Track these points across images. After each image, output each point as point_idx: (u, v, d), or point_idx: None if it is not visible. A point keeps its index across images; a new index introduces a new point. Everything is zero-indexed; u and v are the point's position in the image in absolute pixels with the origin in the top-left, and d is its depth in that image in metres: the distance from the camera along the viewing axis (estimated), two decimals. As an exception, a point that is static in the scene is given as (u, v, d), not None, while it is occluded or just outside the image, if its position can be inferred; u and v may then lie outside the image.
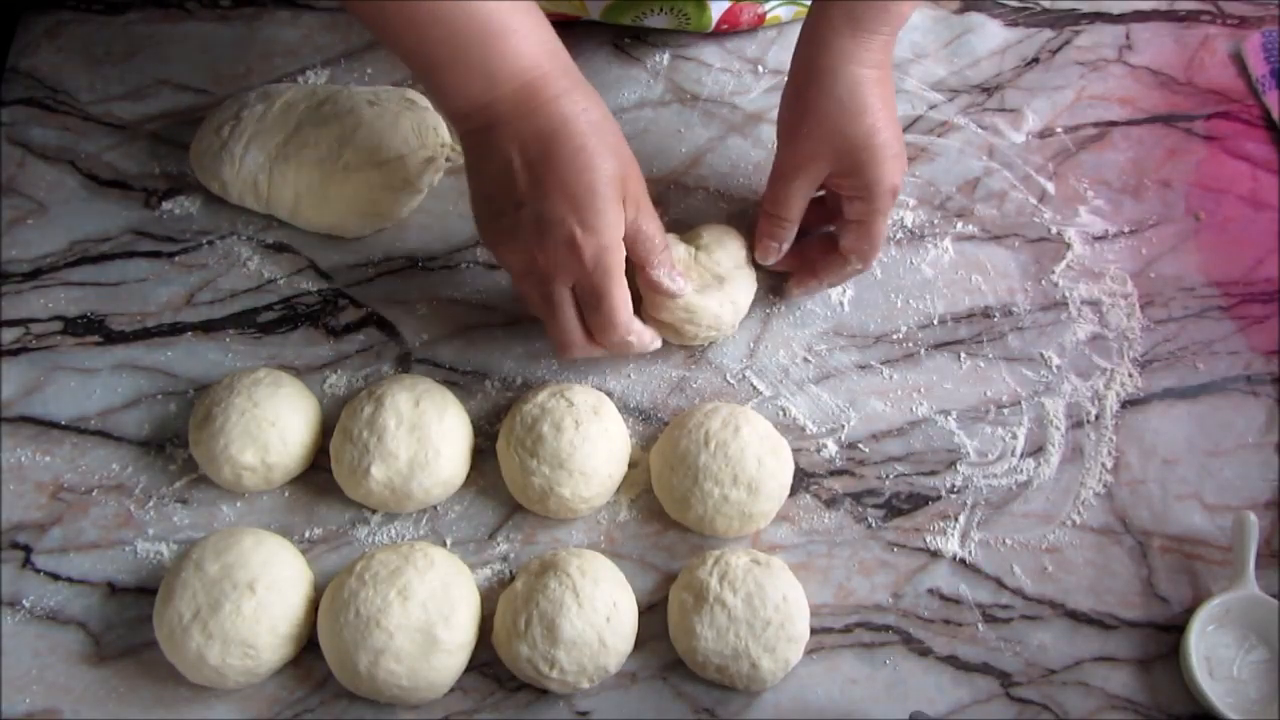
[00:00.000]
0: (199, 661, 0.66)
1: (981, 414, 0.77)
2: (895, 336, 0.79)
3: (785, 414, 0.76)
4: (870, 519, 0.74)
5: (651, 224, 0.70)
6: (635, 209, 0.68)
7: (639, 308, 0.73)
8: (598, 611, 0.66)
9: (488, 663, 0.69)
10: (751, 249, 0.78)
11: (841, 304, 0.80)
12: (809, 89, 0.71)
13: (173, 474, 0.74)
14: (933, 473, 0.75)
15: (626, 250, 0.68)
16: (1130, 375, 0.78)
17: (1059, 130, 0.86)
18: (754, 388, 0.77)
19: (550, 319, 0.70)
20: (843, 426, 0.76)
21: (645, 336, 0.72)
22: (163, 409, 0.76)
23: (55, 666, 0.69)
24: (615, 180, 0.66)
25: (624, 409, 0.76)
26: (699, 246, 0.77)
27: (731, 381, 0.77)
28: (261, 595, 0.66)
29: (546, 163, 0.65)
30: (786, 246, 0.76)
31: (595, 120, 0.66)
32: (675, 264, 0.73)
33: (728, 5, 0.86)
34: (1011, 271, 0.81)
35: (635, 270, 0.71)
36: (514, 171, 0.66)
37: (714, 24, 0.87)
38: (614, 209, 0.66)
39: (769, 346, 0.78)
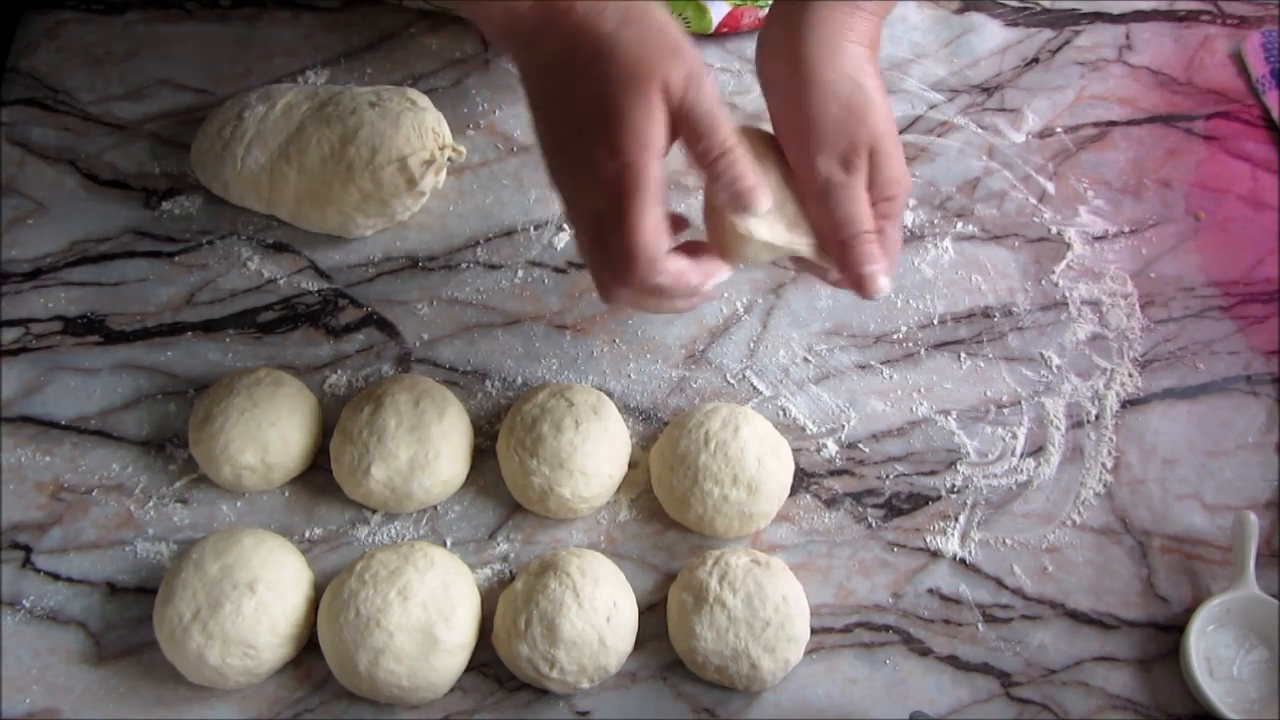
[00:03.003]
0: (199, 661, 0.66)
1: (981, 414, 0.77)
2: (895, 336, 0.79)
3: (785, 414, 0.76)
4: (870, 519, 0.74)
5: (708, 118, 0.58)
6: (681, 102, 0.57)
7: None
8: (598, 611, 0.66)
9: (488, 663, 0.69)
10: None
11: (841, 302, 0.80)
12: (819, 71, 0.62)
13: (173, 474, 0.74)
14: (933, 473, 0.75)
15: (688, 155, 0.59)
16: (1130, 375, 0.78)
17: (1059, 130, 0.86)
18: (754, 388, 0.77)
19: (584, 255, 0.62)
20: (843, 426, 0.76)
21: (688, 276, 0.60)
22: (163, 409, 0.76)
23: (55, 666, 0.69)
24: (642, 80, 0.56)
25: (624, 409, 0.76)
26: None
27: (731, 381, 0.77)
28: (261, 595, 0.66)
29: (565, 78, 0.58)
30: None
31: (618, 18, 0.57)
32: (748, 169, 0.59)
33: (729, 8, 0.86)
34: (1011, 271, 0.81)
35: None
36: (542, 95, 0.60)
37: (714, 26, 0.87)
38: (638, 115, 0.56)
39: (769, 346, 0.78)
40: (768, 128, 0.66)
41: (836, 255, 0.63)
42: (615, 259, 0.58)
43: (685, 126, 0.58)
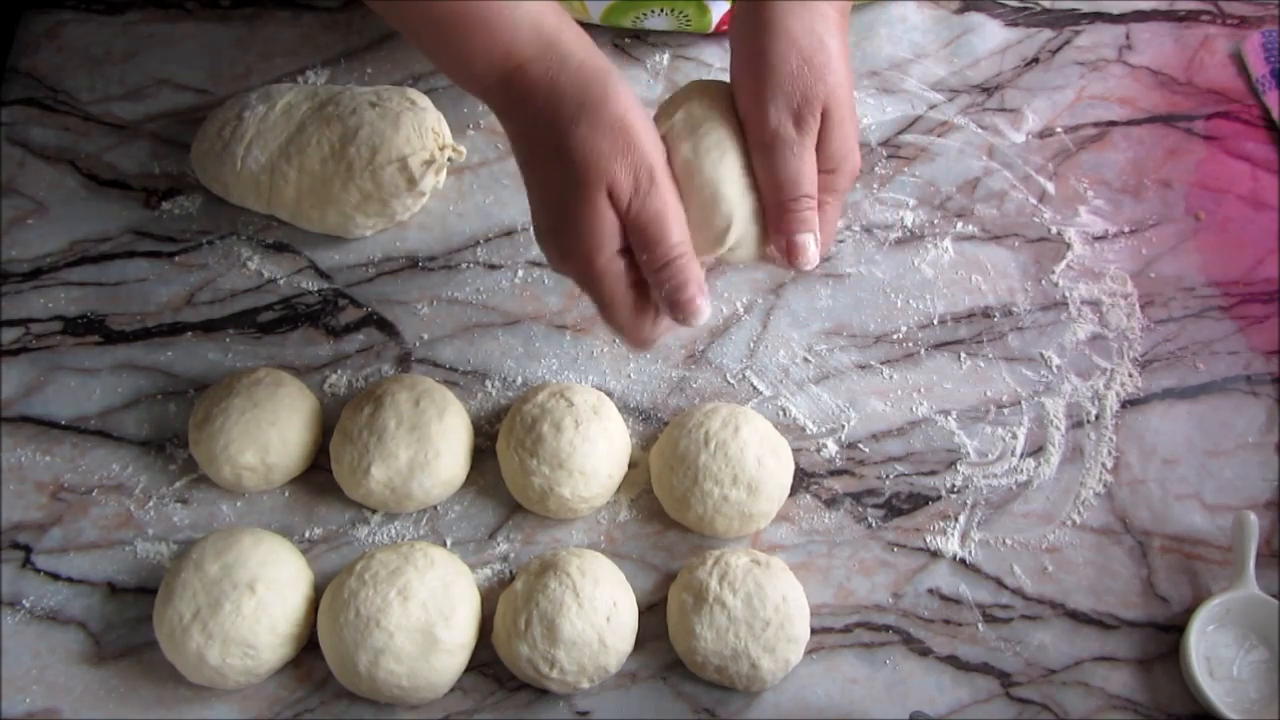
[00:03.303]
0: (199, 661, 0.66)
1: (981, 414, 0.77)
2: (895, 336, 0.79)
3: (785, 414, 0.76)
4: (870, 519, 0.74)
5: (655, 224, 0.58)
6: (629, 206, 0.58)
7: None
8: (598, 611, 0.66)
9: (488, 663, 0.69)
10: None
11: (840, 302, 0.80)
12: (783, 19, 0.61)
13: (173, 474, 0.74)
14: (933, 473, 0.75)
15: (637, 259, 0.59)
16: (1130, 375, 0.78)
17: (1059, 130, 0.86)
18: (754, 388, 0.77)
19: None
20: (843, 426, 0.76)
21: (666, 327, 0.62)
22: (163, 409, 0.76)
23: (55, 666, 0.69)
24: (589, 186, 0.57)
25: (624, 409, 0.76)
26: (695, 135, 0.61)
27: (731, 381, 0.77)
28: (261, 595, 0.66)
29: (529, 169, 0.60)
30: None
31: (572, 113, 0.57)
32: (690, 278, 0.59)
33: (729, 7, 0.86)
34: (1011, 271, 0.81)
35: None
36: (523, 158, 0.62)
37: (714, 25, 0.87)
38: (586, 221, 0.57)
39: (769, 346, 0.78)
40: None
41: (772, 216, 0.61)
42: (614, 332, 0.63)
43: (633, 233, 0.58)
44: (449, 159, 0.79)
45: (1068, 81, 0.88)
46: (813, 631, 0.69)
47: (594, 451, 0.71)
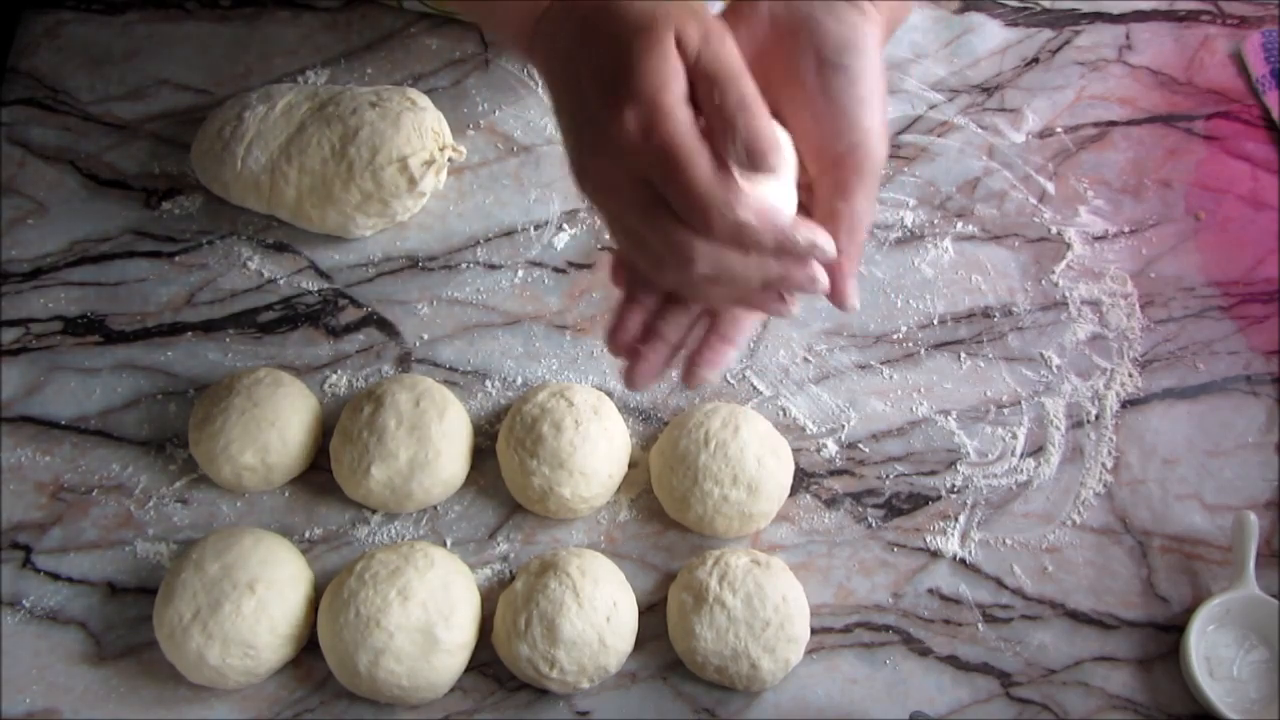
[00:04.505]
0: (199, 661, 0.66)
1: (981, 414, 0.77)
2: (895, 336, 0.79)
3: (785, 414, 0.76)
4: (870, 519, 0.74)
5: (727, 69, 0.51)
6: (699, 55, 0.51)
7: None
8: (598, 611, 0.66)
9: (488, 663, 0.69)
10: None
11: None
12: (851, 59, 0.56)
13: (173, 474, 0.74)
14: (933, 473, 0.75)
15: (704, 112, 0.52)
16: (1130, 375, 0.78)
17: (1059, 130, 0.86)
18: (754, 388, 0.77)
19: (641, 242, 0.54)
20: (843, 426, 0.76)
21: (773, 216, 0.52)
22: (163, 409, 0.76)
23: (55, 666, 0.69)
24: (654, 31, 0.51)
25: (624, 409, 0.76)
26: None
27: (731, 381, 0.77)
28: (261, 595, 0.66)
29: (580, 57, 0.54)
30: None
31: None
32: (767, 125, 0.50)
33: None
34: (1011, 271, 0.81)
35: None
36: (561, 82, 0.55)
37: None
38: (652, 61, 0.51)
39: (769, 346, 0.78)
40: None
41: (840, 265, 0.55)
42: (686, 210, 0.51)
43: (701, 81, 0.51)
44: (449, 159, 0.79)
45: (1068, 81, 0.88)
46: (813, 631, 0.69)
47: (594, 451, 0.71)
